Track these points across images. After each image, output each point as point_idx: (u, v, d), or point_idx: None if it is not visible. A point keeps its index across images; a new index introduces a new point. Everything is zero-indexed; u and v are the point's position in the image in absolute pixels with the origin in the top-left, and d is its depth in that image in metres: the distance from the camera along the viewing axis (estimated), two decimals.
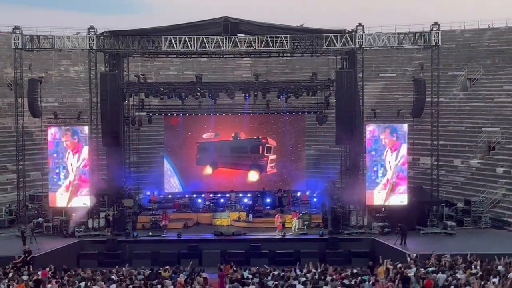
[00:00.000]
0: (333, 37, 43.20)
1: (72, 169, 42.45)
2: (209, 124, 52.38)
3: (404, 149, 42.44)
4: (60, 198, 42.69)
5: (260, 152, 52.24)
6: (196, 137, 52.70)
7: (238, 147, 52.82)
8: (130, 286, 26.48)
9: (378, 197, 42.39)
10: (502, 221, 43.38)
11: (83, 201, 42.58)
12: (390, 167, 42.24)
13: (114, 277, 28.76)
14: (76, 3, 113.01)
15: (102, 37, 43.86)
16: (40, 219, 43.40)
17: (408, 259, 32.10)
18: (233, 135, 52.49)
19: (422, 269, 27.93)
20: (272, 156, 52.34)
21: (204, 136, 52.55)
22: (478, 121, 53.32)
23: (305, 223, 43.32)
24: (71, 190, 42.47)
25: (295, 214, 43.64)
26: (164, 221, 43.18)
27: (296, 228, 42.78)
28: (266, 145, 52.10)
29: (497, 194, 45.77)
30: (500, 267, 27.15)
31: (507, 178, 46.74)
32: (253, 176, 52.34)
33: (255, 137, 52.39)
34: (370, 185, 42.36)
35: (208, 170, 52.48)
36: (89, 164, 42.77)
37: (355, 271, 30.53)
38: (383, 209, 42.96)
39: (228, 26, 43.92)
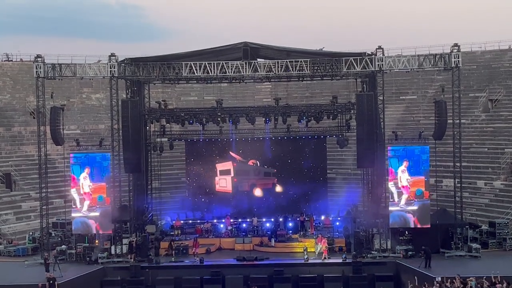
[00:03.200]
0: (352, 60, 43.21)
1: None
2: (230, 149, 52.46)
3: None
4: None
5: None
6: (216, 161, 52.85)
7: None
8: None
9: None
10: None
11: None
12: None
13: None
14: (97, 31, 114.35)
15: (123, 64, 44.19)
16: (63, 246, 43.53)
17: (435, 282, 31.78)
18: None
19: None
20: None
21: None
22: (501, 142, 52.94)
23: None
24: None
25: (319, 239, 43.37)
26: (195, 248, 43.19)
27: (319, 251, 42.60)
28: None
29: None
30: None
31: None
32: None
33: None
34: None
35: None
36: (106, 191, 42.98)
37: None
38: (407, 232, 42.64)
39: (248, 51, 44.08)
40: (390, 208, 42.03)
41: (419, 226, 41.97)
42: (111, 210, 42.89)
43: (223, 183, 52.89)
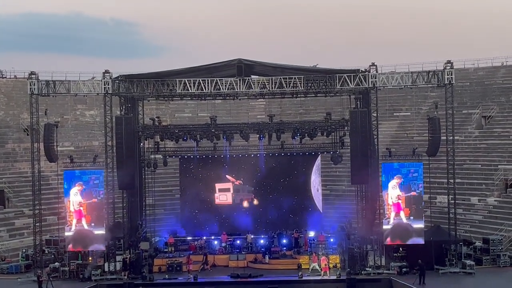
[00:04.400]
0: (346, 77, 43.34)
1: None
2: (226, 164, 52.57)
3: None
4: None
5: None
6: (212, 178, 52.89)
7: None
8: None
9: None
10: None
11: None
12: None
13: None
14: (91, 47, 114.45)
15: (117, 81, 44.21)
16: (56, 263, 43.39)
17: None
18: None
19: None
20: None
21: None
22: (494, 159, 53.07)
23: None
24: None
25: (315, 258, 43.33)
26: (189, 265, 43.14)
27: (312, 268, 42.55)
28: None
29: None
30: None
31: None
32: None
33: None
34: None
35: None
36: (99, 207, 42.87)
37: None
38: (401, 249, 42.60)
39: (242, 68, 44.17)
40: (384, 227, 42.04)
41: (389, 243, 42.15)
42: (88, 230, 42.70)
43: (223, 198, 52.90)
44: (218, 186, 52.88)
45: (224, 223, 51.98)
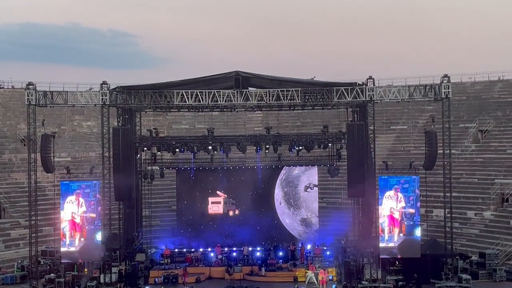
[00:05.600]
0: (343, 90, 43.43)
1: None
2: (222, 177, 52.58)
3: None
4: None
5: None
6: (209, 190, 53.03)
7: None
8: None
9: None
10: None
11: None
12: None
13: None
14: (89, 58, 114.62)
15: (114, 92, 44.25)
16: (52, 274, 43.23)
17: None
18: None
19: None
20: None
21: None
22: (491, 173, 53.13)
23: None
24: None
25: (312, 267, 43.45)
26: (185, 277, 43.12)
27: (311, 281, 42.56)
28: None
29: (511, 246, 45.33)
30: None
31: None
32: None
33: None
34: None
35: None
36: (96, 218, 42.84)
37: None
38: (397, 262, 42.58)
39: (240, 80, 44.24)
40: (381, 244, 42.11)
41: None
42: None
43: (216, 208, 53.02)
44: (211, 199, 53.11)
45: (220, 235, 51.87)
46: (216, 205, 53.19)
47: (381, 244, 42.00)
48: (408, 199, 42.05)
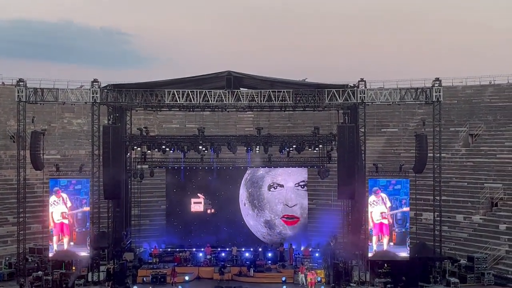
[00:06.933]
0: (335, 92, 43.45)
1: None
2: (212, 177, 52.49)
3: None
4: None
5: None
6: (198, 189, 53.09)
7: None
8: None
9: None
10: (506, 278, 42.99)
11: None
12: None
13: None
14: (80, 56, 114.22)
15: (105, 90, 44.11)
16: (39, 272, 42.98)
17: None
18: None
19: None
20: None
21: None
22: (481, 177, 53.23)
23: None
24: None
25: (302, 269, 43.51)
26: (174, 277, 43.09)
27: (301, 283, 42.60)
28: None
29: (500, 250, 45.48)
30: None
31: (510, 235, 46.49)
32: None
33: None
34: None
35: None
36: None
37: None
38: (386, 265, 42.60)
39: (231, 80, 44.20)
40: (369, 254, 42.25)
41: None
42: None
43: (197, 207, 53.29)
44: (193, 200, 53.31)
45: (209, 235, 51.83)
46: (197, 205, 53.48)
47: (369, 254, 42.08)
48: (400, 202, 42.12)
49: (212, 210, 53.30)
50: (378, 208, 42.09)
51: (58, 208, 42.53)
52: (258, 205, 54.35)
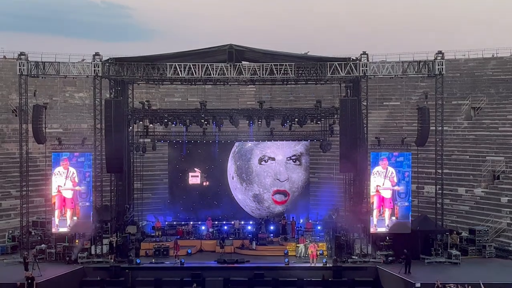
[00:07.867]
0: (337, 65, 43.31)
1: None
2: (214, 151, 52.53)
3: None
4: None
5: None
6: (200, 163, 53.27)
7: None
8: None
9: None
10: (507, 250, 43.17)
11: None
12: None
13: None
14: (82, 30, 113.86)
15: (107, 64, 43.98)
16: (43, 245, 43.24)
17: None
18: None
19: None
20: None
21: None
22: (482, 150, 53.25)
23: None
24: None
25: (302, 240, 43.78)
26: (176, 250, 43.23)
27: (302, 254, 42.78)
28: None
29: (501, 223, 45.62)
30: None
31: None
32: None
33: None
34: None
35: None
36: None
37: None
38: (387, 238, 42.74)
39: (233, 54, 44.03)
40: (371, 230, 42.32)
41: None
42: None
43: (195, 180, 53.35)
44: (191, 174, 53.33)
45: (211, 208, 52.03)
46: (194, 178, 53.45)
47: (371, 229, 42.19)
48: (403, 175, 42.12)
49: (207, 183, 53.30)
50: (378, 180, 41.99)
51: (58, 180, 42.49)
52: (246, 179, 54.19)
